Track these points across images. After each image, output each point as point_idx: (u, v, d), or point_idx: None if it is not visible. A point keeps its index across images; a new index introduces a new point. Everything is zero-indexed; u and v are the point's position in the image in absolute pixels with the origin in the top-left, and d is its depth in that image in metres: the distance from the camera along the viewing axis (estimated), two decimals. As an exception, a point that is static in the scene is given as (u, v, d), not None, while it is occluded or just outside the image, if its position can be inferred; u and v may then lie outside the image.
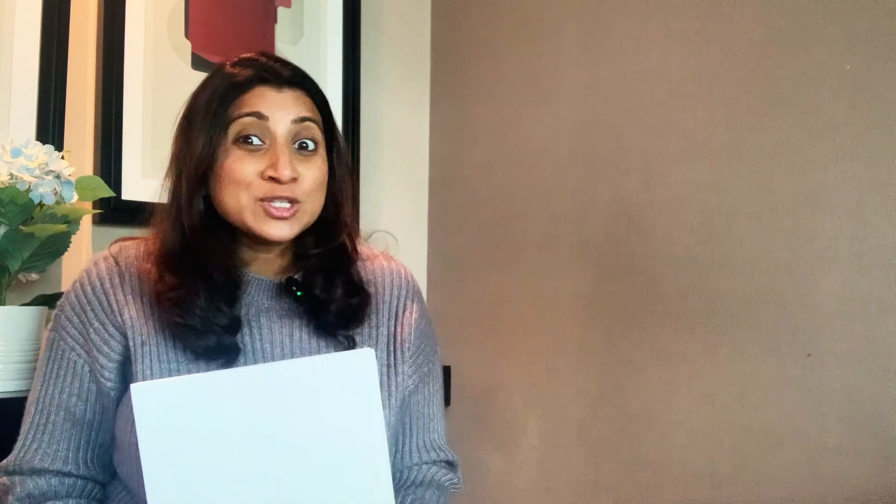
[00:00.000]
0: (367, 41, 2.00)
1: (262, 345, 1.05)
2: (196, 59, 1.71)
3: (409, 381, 1.13)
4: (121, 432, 1.02)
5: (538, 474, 1.85)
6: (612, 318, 1.74)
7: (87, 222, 1.55)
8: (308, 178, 1.03)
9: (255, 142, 1.02)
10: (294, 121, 1.03)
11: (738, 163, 1.57)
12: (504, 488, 1.91)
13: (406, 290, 1.16)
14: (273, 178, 1.00)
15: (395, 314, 1.14)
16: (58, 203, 1.29)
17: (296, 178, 1.02)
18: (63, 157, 1.32)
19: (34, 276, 1.39)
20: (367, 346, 1.09)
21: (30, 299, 1.37)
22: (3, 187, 1.25)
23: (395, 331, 1.13)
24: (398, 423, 1.12)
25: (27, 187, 1.26)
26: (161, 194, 1.07)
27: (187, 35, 1.71)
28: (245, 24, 1.80)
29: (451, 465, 1.19)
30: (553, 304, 1.84)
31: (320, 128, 1.06)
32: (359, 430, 0.83)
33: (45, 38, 1.50)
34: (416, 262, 2.08)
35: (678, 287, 1.64)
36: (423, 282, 2.09)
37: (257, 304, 1.07)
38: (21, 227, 1.28)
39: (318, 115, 1.07)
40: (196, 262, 1.02)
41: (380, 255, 1.19)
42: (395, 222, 2.04)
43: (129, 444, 1.00)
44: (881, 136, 1.42)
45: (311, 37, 1.90)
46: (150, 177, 1.60)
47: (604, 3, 1.79)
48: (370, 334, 1.11)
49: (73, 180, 1.33)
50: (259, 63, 1.05)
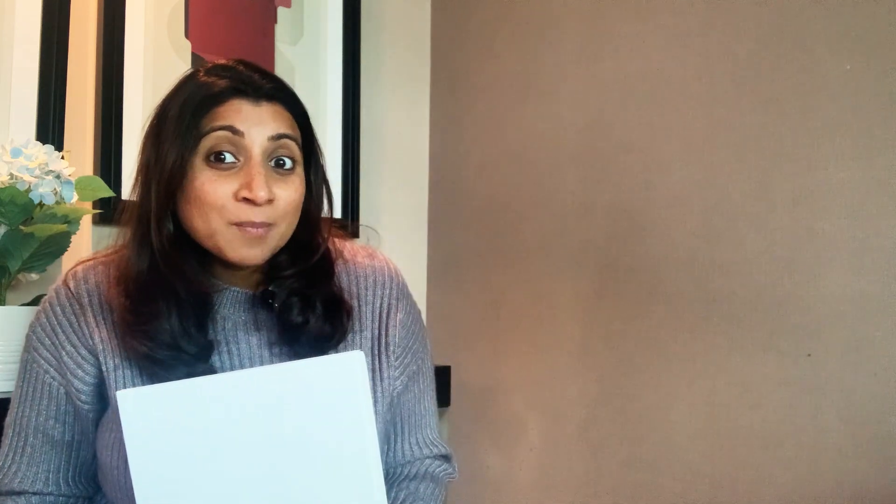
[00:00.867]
0: (367, 41, 2.00)
1: (241, 361, 1.01)
2: (196, 59, 1.71)
3: (397, 383, 1.10)
4: (103, 456, 0.99)
5: (538, 474, 1.85)
6: (612, 318, 1.74)
7: (87, 222, 1.55)
8: (283, 199, 0.96)
9: (229, 158, 0.94)
10: (271, 138, 0.95)
11: (738, 163, 1.57)
12: (504, 488, 1.90)
13: (390, 289, 1.10)
14: (247, 200, 0.93)
15: (378, 316, 1.09)
16: (58, 203, 1.29)
17: (271, 200, 0.94)
18: (63, 157, 1.32)
19: (34, 276, 1.39)
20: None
21: (30, 299, 1.37)
22: (3, 187, 1.25)
23: (379, 334, 1.08)
24: (387, 426, 1.10)
25: (27, 187, 1.26)
26: (131, 194, 1.00)
27: (187, 35, 1.71)
28: (245, 24, 1.80)
29: (445, 458, 1.17)
30: (553, 304, 1.84)
31: (299, 144, 0.99)
32: (349, 433, 0.82)
33: (45, 38, 1.50)
34: (415, 262, 2.08)
35: (678, 287, 1.64)
36: (423, 282, 2.09)
37: (234, 318, 1.02)
38: (21, 227, 1.28)
39: (296, 132, 0.99)
40: (165, 285, 0.96)
41: (361, 251, 1.13)
42: (395, 222, 2.04)
43: (112, 468, 0.98)
44: (881, 136, 1.42)
45: (311, 37, 1.90)
46: (150, 177, 1.60)
47: (604, 3, 1.79)
48: (353, 339, 1.06)
49: (73, 180, 1.33)
50: (236, 73, 0.97)
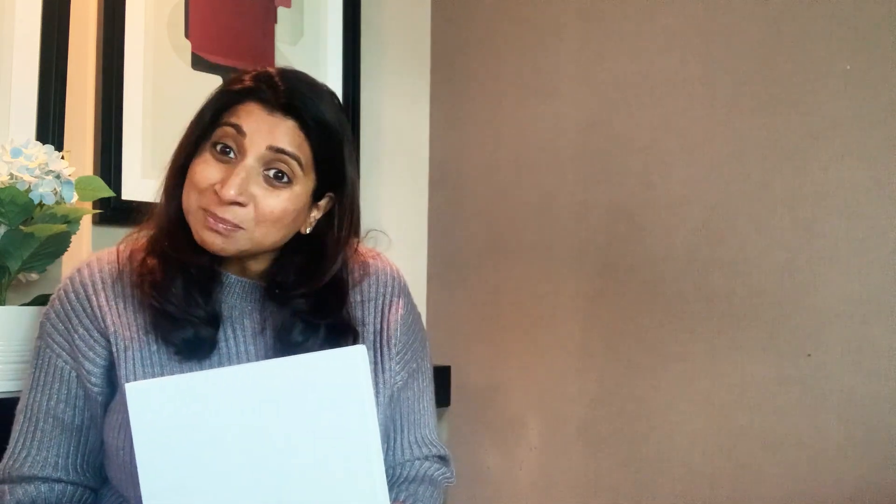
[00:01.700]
0: (367, 41, 2.00)
1: (246, 347, 1.05)
2: (196, 59, 1.71)
3: (398, 378, 1.12)
4: (109, 438, 1.02)
5: (538, 474, 1.85)
6: (612, 318, 1.74)
7: (87, 222, 1.55)
8: (263, 205, 0.98)
9: (230, 153, 0.99)
10: (269, 148, 0.98)
11: (738, 163, 1.57)
12: (504, 488, 1.91)
13: (392, 287, 1.15)
14: (216, 194, 0.97)
15: (380, 312, 1.13)
16: (58, 203, 1.29)
17: (242, 204, 0.97)
18: (63, 157, 1.32)
19: (34, 276, 1.39)
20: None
21: (30, 299, 1.37)
22: (3, 187, 1.25)
23: (381, 328, 1.12)
24: (387, 421, 1.12)
25: (27, 187, 1.26)
26: (158, 193, 1.06)
27: (187, 35, 1.71)
28: (245, 24, 1.79)
29: (443, 459, 1.19)
30: (553, 304, 1.84)
31: (302, 165, 1.00)
32: (352, 427, 0.83)
33: (45, 38, 1.50)
34: (416, 261, 2.08)
35: (678, 287, 1.64)
36: (423, 281, 2.09)
37: (240, 307, 1.06)
38: (21, 227, 1.27)
39: (303, 152, 1.00)
40: (174, 250, 1.02)
41: (367, 252, 1.17)
42: (395, 221, 2.04)
43: (118, 450, 1.00)
44: (881, 136, 1.42)
45: (311, 37, 1.90)
46: (150, 177, 1.60)
47: (604, 3, 1.79)
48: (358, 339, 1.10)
49: (73, 180, 1.33)
50: (267, 78, 1.00)
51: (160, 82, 1.65)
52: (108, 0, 1.59)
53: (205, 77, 1.70)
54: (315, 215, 1.06)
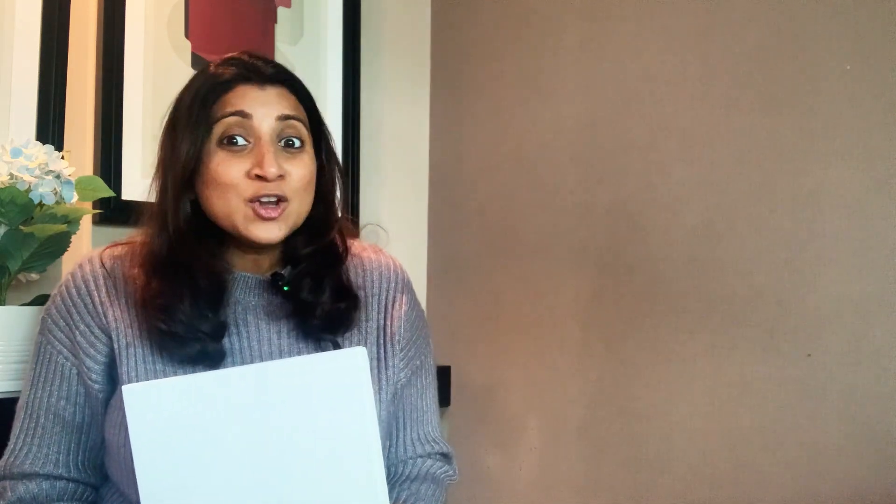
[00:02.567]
0: (367, 41, 2.00)
1: (250, 343, 1.04)
2: (196, 59, 1.71)
3: (401, 375, 1.12)
4: (110, 435, 1.02)
5: (538, 474, 1.85)
6: (612, 318, 1.74)
7: (87, 222, 1.55)
8: (295, 175, 1.01)
9: (240, 142, 1.00)
10: (278, 118, 1.01)
11: (738, 163, 1.57)
12: (504, 488, 1.91)
13: (395, 283, 1.15)
14: (259, 177, 0.98)
15: (384, 308, 1.13)
16: (58, 203, 1.29)
17: (283, 176, 1.00)
18: (63, 157, 1.32)
19: (34, 276, 1.39)
20: (358, 343, 1.08)
21: (30, 299, 1.37)
22: (3, 187, 1.25)
23: (384, 324, 1.12)
24: (390, 417, 1.12)
25: (27, 187, 1.26)
26: (150, 194, 1.06)
27: (187, 35, 1.71)
28: (245, 24, 1.80)
29: (446, 457, 1.19)
30: (553, 304, 1.84)
31: (306, 126, 1.05)
32: (352, 428, 0.83)
33: (45, 38, 1.50)
34: (416, 261, 2.08)
35: (678, 287, 1.64)
36: (423, 282, 2.09)
37: (244, 302, 1.06)
38: (21, 227, 1.28)
39: (302, 113, 1.05)
40: (182, 266, 1.00)
41: (368, 247, 1.17)
42: (395, 222, 2.04)
43: (119, 447, 1.00)
44: (881, 136, 1.42)
45: (311, 37, 1.90)
46: (150, 177, 1.60)
47: (604, 3, 1.79)
48: (360, 329, 1.10)
49: (73, 180, 1.33)
50: (241, 61, 1.04)
51: (160, 82, 1.65)
52: (108, 0, 1.59)
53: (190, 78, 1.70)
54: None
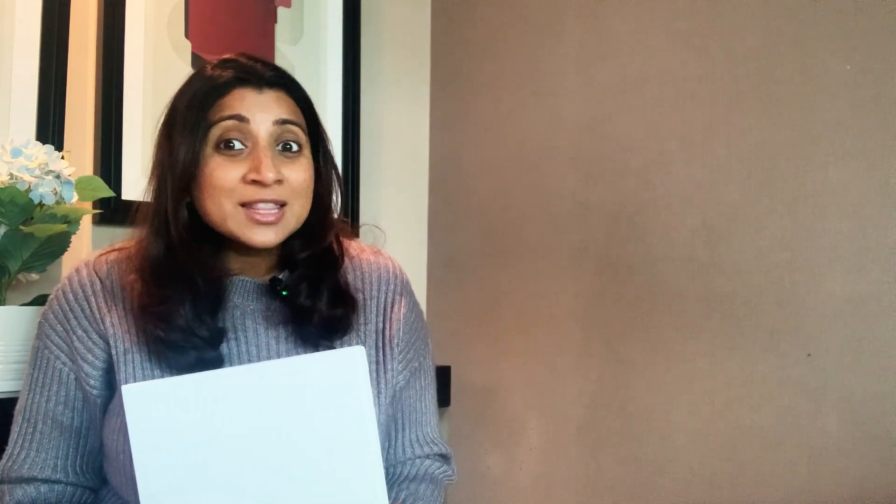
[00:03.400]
0: (367, 41, 2.00)
1: (248, 348, 1.03)
2: (196, 59, 1.71)
3: (400, 377, 1.12)
4: (109, 441, 1.01)
5: (538, 474, 1.85)
6: (612, 318, 1.74)
7: (87, 222, 1.55)
8: (293, 179, 1.00)
9: (237, 146, 0.99)
10: (276, 122, 1.00)
11: (738, 163, 1.57)
12: (504, 488, 1.91)
13: (394, 285, 1.14)
14: (256, 182, 0.97)
15: (382, 310, 1.12)
16: (58, 203, 1.29)
17: (280, 181, 0.98)
18: (63, 157, 1.32)
19: (34, 276, 1.39)
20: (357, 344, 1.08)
21: (30, 299, 1.37)
22: (3, 187, 1.25)
23: (383, 327, 1.11)
24: (389, 420, 1.12)
25: (27, 187, 1.26)
26: (146, 195, 1.04)
27: (187, 35, 1.71)
28: (245, 24, 1.80)
29: (444, 457, 1.18)
30: (553, 304, 1.84)
31: (304, 129, 1.03)
32: (350, 427, 0.83)
33: (45, 38, 1.50)
34: (416, 261, 2.08)
35: (678, 287, 1.64)
36: (423, 281, 2.09)
37: (242, 307, 1.05)
38: (21, 227, 1.27)
39: (300, 117, 1.03)
40: (181, 272, 0.99)
41: (367, 249, 1.16)
42: (395, 222, 2.04)
43: (118, 453, 0.99)
44: (881, 136, 1.42)
45: (311, 37, 1.90)
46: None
47: (604, 2, 1.79)
48: (358, 332, 1.09)
49: (73, 180, 1.33)
50: (239, 64, 1.02)
51: (160, 82, 1.65)
52: (108, 0, 1.59)
53: (185, 79, 1.70)
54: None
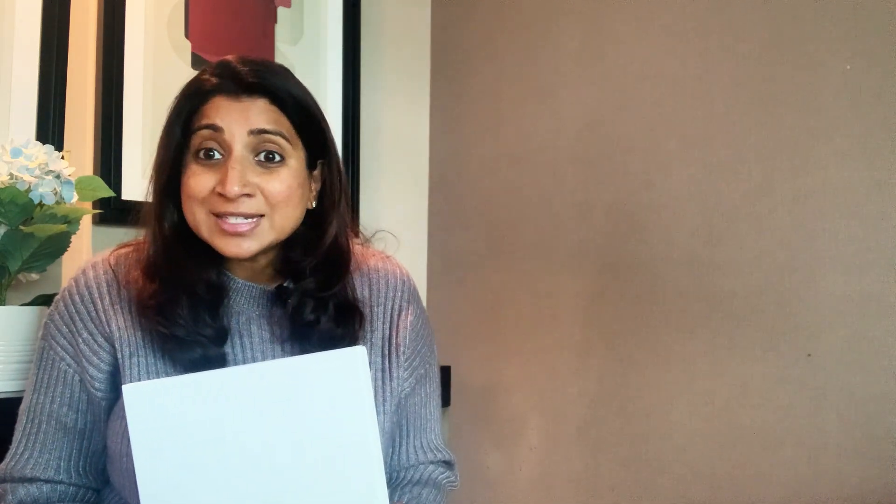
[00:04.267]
0: (367, 41, 2.00)
1: (254, 355, 1.03)
2: (196, 59, 1.71)
3: (405, 385, 1.11)
4: (112, 443, 1.01)
5: (538, 474, 1.85)
6: (612, 318, 1.74)
7: (87, 222, 1.56)
8: (270, 191, 0.97)
9: (216, 155, 0.97)
10: (251, 132, 0.97)
11: (738, 163, 1.57)
12: (504, 488, 1.91)
13: (402, 293, 1.13)
14: (222, 195, 0.96)
15: (390, 318, 1.11)
16: (58, 203, 1.29)
17: (250, 195, 0.96)
18: (63, 157, 1.32)
19: (34, 276, 1.39)
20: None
21: (30, 299, 1.37)
22: (3, 187, 1.25)
23: (390, 335, 1.11)
24: (394, 426, 1.11)
25: (27, 187, 1.26)
26: (147, 194, 1.04)
27: (187, 35, 1.71)
28: (245, 24, 1.80)
29: (448, 464, 1.18)
30: (553, 304, 1.84)
31: (288, 137, 0.99)
32: (351, 427, 0.83)
33: (45, 38, 1.50)
34: (416, 262, 2.08)
35: (678, 287, 1.64)
36: (423, 282, 2.09)
37: (247, 313, 1.05)
38: (21, 227, 1.28)
39: (285, 126, 1.00)
40: (175, 270, 0.99)
41: (376, 254, 1.16)
42: (395, 222, 2.04)
43: (121, 456, 0.99)
44: (881, 136, 1.42)
45: (311, 37, 1.90)
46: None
47: (604, 3, 1.79)
48: (364, 340, 1.09)
49: (73, 180, 1.33)
50: (227, 69, 0.99)
51: (160, 82, 1.65)
52: (108, 0, 1.59)
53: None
54: (315, 188, 1.06)
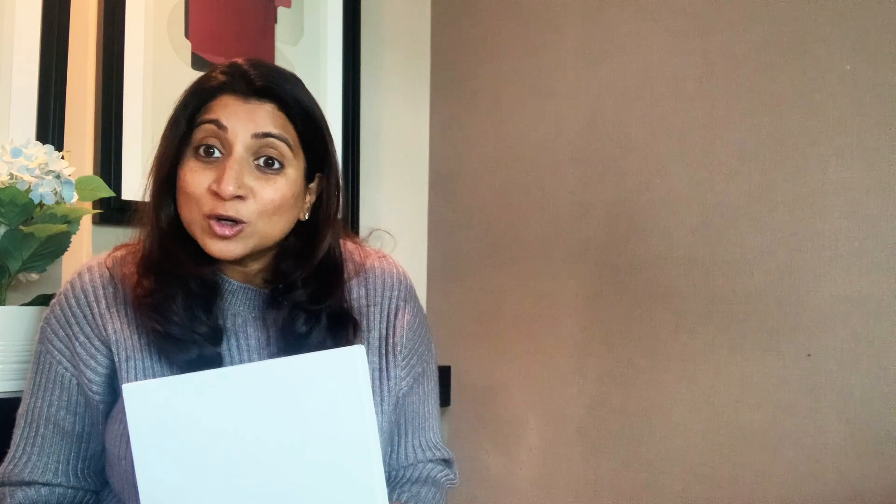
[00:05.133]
0: (367, 41, 2.00)
1: (251, 356, 1.02)
2: (196, 59, 1.71)
3: (403, 384, 1.11)
4: (111, 446, 1.01)
5: (538, 474, 1.85)
6: (612, 318, 1.74)
7: (87, 222, 1.55)
8: (262, 197, 0.96)
9: (216, 153, 0.96)
10: (255, 135, 0.96)
11: (738, 163, 1.57)
12: (504, 488, 1.91)
13: (399, 291, 1.12)
14: (216, 194, 0.94)
15: (386, 317, 1.10)
16: (58, 203, 1.29)
17: (243, 196, 0.95)
18: (63, 157, 1.32)
19: (34, 276, 1.39)
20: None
21: (30, 299, 1.37)
22: (3, 187, 1.25)
23: (386, 334, 1.10)
24: (392, 426, 1.11)
25: (27, 187, 1.26)
26: (145, 194, 1.03)
27: (187, 35, 1.71)
28: (245, 24, 1.80)
29: (447, 462, 1.18)
30: (553, 304, 1.84)
31: (291, 145, 0.98)
32: (350, 427, 0.83)
33: (45, 38, 1.50)
34: (416, 262, 2.08)
35: (678, 287, 1.64)
36: (423, 281, 2.09)
37: (244, 314, 1.04)
38: (21, 227, 1.28)
39: (289, 132, 0.98)
40: (169, 267, 0.98)
41: (372, 254, 1.14)
42: (395, 222, 2.04)
43: (119, 459, 0.99)
44: (881, 136, 1.42)
45: (311, 37, 1.90)
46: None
47: (604, 2, 1.80)
48: (361, 338, 1.08)
49: (73, 180, 1.33)
50: (236, 70, 0.99)
51: (160, 82, 1.65)
52: (107, 0, 1.59)
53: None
54: (310, 200, 1.04)
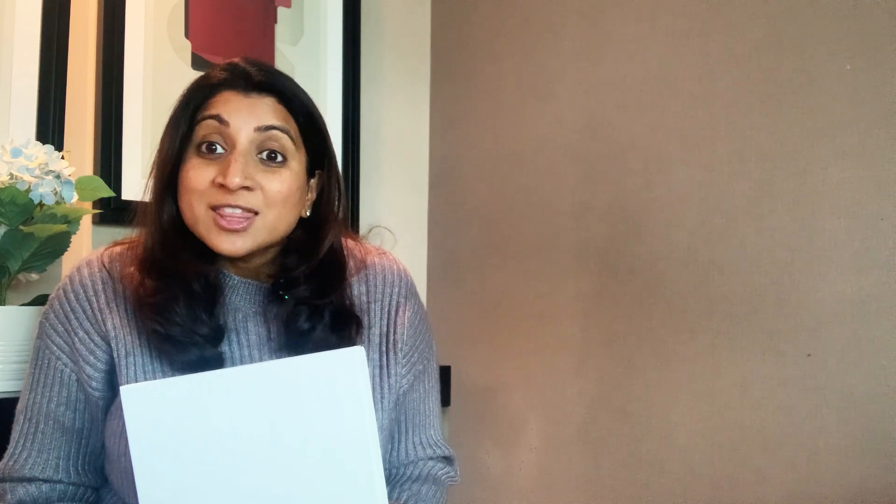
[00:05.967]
0: (367, 41, 2.00)
1: (251, 353, 1.02)
2: (196, 59, 1.71)
3: (403, 381, 1.11)
4: (110, 443, 1.01)
5: (538, 474, 1.85)
6: (612, 318, 1.74)
7: (87, 222, 1.56)
8: (268, 189, 0.97)
9: (218, 149, 0.97)
10: (258, 129, 0.97)
11: (738, 163, 1.57)
12: (504, 488, 1.91)
13: (399, 288, 1.12)
14: (223, 186, 0.94)
15: (387, 314, 1.10)
16: (58, 203, 1.29)
17: (250, 188, 0.95)
18: (63, 157, 1.32)
19: (34, 276, 1.39)
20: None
21: (30, 299, 1.37)
22: (3, 187, 1.25)
23: (387, 331, 1.10)
24: (392, 423, 1.11)
25: (27, 187, 1.26)
26: (145, 193, 1.03)
27: (187, 35, 1.71)
28: (245, 24, 1.80)
29: (448, 459, 1.18)
30: (553, 304, 1.84)
31: (293, 138, 1.00)
32: (350, 428, 0.82)
33: (45, 39, 1.50)
34: (416, 261, 2.08)
35: (678, 287, 1.64)
36: (423, 281, 2.09)
37: (244, 310, 1.04)
38: (21, 227, 1.28)
39: (291, 125, 1.00)
40: (173, 265, 0.98)
41: (372, 251, 1.14)
42: (395, 222, 2.04)
43: (119, 456, 0.99)
44: (881, 136, 1.42)
45: (311, 37, 1.90)
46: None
47: (604, 2, 1.80)
48: (362, 335, 1.08)
49: (73, 180, 1.33)
50: (235, 67, 1.00)
51: (160, 82, 1.65)
52: (107, 0, 1.59)
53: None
54: (311, 197, 1.05)
